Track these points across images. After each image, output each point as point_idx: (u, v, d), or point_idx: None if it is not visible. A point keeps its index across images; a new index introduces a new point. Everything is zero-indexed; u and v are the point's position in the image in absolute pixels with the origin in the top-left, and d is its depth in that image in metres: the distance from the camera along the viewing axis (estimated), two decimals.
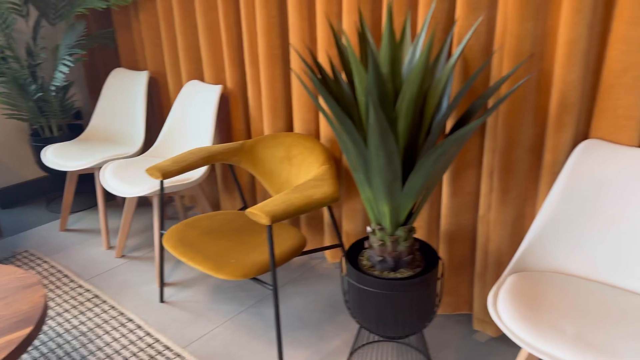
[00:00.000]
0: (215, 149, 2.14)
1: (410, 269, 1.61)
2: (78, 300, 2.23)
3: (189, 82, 2.64)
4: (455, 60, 1.43)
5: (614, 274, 1.47)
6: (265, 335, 2.00)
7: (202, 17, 2.45)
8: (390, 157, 1.33)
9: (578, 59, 1.45)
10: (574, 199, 1.53)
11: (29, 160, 3.19)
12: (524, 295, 1.40)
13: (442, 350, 1.89)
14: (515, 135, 1.62)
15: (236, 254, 1.81)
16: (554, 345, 1.24)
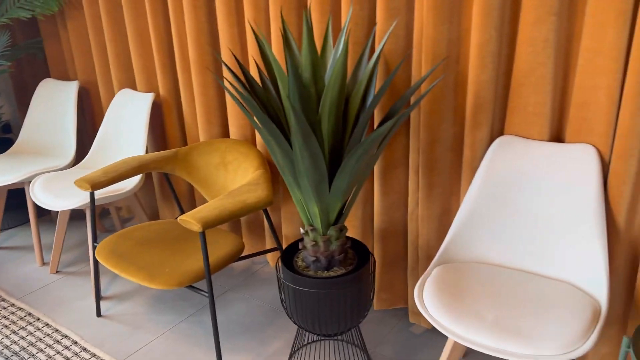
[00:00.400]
0: (148, 157, 2.12)
1: (343, 267, 1.66)
2: (10, 320, 2.14)
3: (121, 90, 2.59)
4: (374, 62, 1.49)
5: (528, 261, 1.56)
6: (205, 343, 1.99)
7: (131, 24, 2.42)
8: (315, 158, 1.37)
9: (489, 61, 1.54)
10: (492, 193, 1.61)
11: None
12: (448, 285, 1.47)
13: (379, 345, 1.94)
14: (437, 134, 1.70)
15: (171, 262, 1.80)
16: (475, 332, 1.31)
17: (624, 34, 1.34)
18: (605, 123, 1.44)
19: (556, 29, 1.44)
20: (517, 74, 1.55)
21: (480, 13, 1.50)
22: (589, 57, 1.42)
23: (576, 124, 1.51)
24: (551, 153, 1.55)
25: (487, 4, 1.48)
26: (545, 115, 1.54)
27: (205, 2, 2.14)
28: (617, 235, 1.48)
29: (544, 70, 1.49)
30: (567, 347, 1.25)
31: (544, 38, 1.46)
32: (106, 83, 2.71)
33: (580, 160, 1.50)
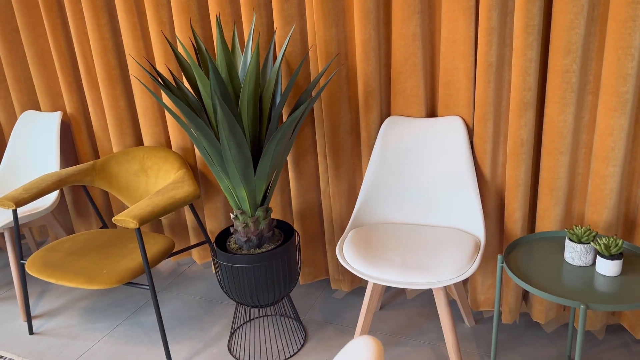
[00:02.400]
0: (66, 172, 2.19)
1: (272, 244, 1.88)
2: None
3: (24, 113, 2.59)
4: (279, 63, 1.74)
5: (421, 216, 1.90)
6: (146, 339, 2.10)
7: (30, 47, 2.45)
8: (241, 146, 1.59)
9: (372, 55, 1.86)
10: (386, 165, 1.94)
11: None
12: (361, 242, 1.76)
13: (308, 313, 2.19)
14: (337, 120, 1.99)
15: (106, 264, 1.90)
16: (388, 272, 1.61)
17: (471, 25, 1.72)
18: (466, 97, 1.82)
19: (421, 24, 1.79)
20: (395, 64, 1.89)
21: (360, 16, 1.82)
22: (448, 45, 1.79)
23: (444, 100, 1.88)
24: (428, 126, 1.91)
25: (364, 7, 1.80)
26: (420, 96, 1.90)
27: (108, 20, 2.26)
28: (485, 185, 1.87)
29: (416, 59, 1.84)
30: (458, 272, 1.58)
31: (412, 33, 1.81)
32: (7, 107, 2.68)
33: (451, 129, 1.87)
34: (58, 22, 2.37)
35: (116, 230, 2.19)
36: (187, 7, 2.05)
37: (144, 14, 2.21)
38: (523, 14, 1.58)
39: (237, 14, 2.03)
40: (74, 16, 2.29)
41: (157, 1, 2.10)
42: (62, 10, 2.37)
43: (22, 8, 2.40)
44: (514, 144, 1.73)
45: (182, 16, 2.06)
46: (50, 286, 2.52)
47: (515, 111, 1.70)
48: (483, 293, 2.03)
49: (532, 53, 1.62)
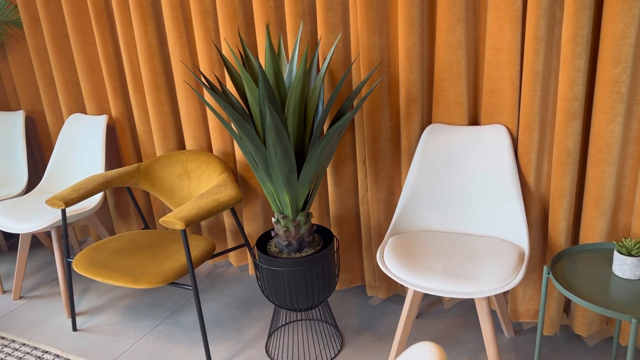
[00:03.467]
0: (112, 174, 2.25)
1: (312, 248, 1.90)
2: None
3: (71, 116, 2.69)
4: (324, 71, 1.76)
5: (462, 225, 1.90)
6: (186, 339, 2.14)
7: (79, 53, 2.54)
8: (286, 151, 1.62)
9: (415, 63, 1.87)
10: (427, 172, 1.94)
11: None
12: (402, 249, 1.76)
13: (344, 319, 2.20)
14: (378, 127, 2.01)
15: (150, 265, 1.95)
16: (429, 280, 1.61)
17: (518, 34, 1.71)
18: (510, 105, 1.81)
19: (465, 33, 1.80)
20: (438, 71, 1.89)
21: (404, 24, 1.83)
22: (493, 53, 1.78)
23: (488, 108, 1.87)
24: (471, 134, 1.90)
25: (409, 16, 1.81)
26: (463, 104, 1.89)
27: (155, 27, 2.33)
28: (529, 194, 1.85)
29: (459, 67, 1.84)
30: (502, 282, 1.57)
31: (457, 41, 1.81)
32: (54, 110, 2.78)
33: (494, 138, 1.86)
34: (107, 29, 2.45)
35: (158, 232, 2.24)
36: (232, 15, 2.09)
37: (190, 22, 2.27)
38: (572, 24, 1.57)
39: (281, 22, 2.07)
40: (122, 23, 2.36)
41: (203, 9, 2.16)
42: (110, 18, 2.45)
43: (73, 15, 2.49)
44: (560, 153, 1.72)
45: (227, 24, 2.11)
46: (92, 284, 2.59)
47: (561, 121, 1.68)
48: (523, 304, 2.01)
49: (580, 63, 1.60)
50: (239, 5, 2.10)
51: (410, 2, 1.79)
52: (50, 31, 2.57)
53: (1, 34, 2.75)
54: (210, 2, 2.16)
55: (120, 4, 2.33)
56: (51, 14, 2.56)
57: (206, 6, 2.16)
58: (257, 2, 2.02)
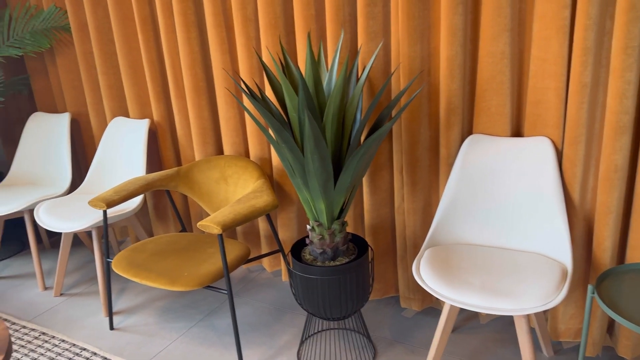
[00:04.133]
0: (153, 176, 2.30)
1: (346, 257, 1.89)
2: (25, 340, 2.24)
3: (114, 119, 2.76)
4: (364, 80, 1.76)
5: (502, 239, 1.85)
6: (219, 342, 2.16)
7: (124, 58, 2.61)
8: (324, 160, 1.61)
9: (457, 72, 1.84)
10: (467, 184, 1.90)
11: None
12: (438, 262, 1.73)
13: (377, 330, 2.17)
14: (416, 137, 1.98)
15: (187, 267, 1.97)
16: (467, 295, 1.57)
17: (565, 45, 1.66)
18: (556, 117, 1.76)
19: (510, 42, 1.76)
20: (481, 81, 1.85)
21: (447, 33, 1.80)
22: (538, 64, 1.74)
23: (532, 120, 1.82)
24: (514, 146, 1.85)
25: (452, 25, 1.78)
26: (506, 114, 1.85)
27: (198, 34, 2.37)
28: (573, 210, 1.79)
29: (503, 77, 1.80)
30: (544, 300, 1.52)
31: (501, 51, 1.77)
32: (98, 113, 2.87)
33: (538, 150, 1.81)
34: (151, 35, 2.52)
35: (195, 235, 2.27)
36: (274, 24, 2.11)
37: (232, 29, 2.30)
38: (623, 35, 1.51)
39: (322, 30, 2.07)
40: (166, 30, 2.42)
41: (245, 17, 2.18)
42: (155, 24, 2.51)
43: (119, 21, 2.56)
44: (607, 168, 1.65)
45: (268, 32, 2.13)
46: (129, 284, 2.65)
47: (610, 134, 1.62)
48: (564, 323, 1.94)
49: (631, 75, 1.54)
50: (280, 14, 2.11)
51: (454, 11, 1.76)
52: (97, 36, 2.65)
53: (51, 39, 2.86)
54: (252, 10, 2.18)
55: (164, 11, 2.38)
56: (98, 20, 2.64)
57: (248, 14, 2.18)
58: (298, 10, 2.03)
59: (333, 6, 1.95)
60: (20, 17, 2.81)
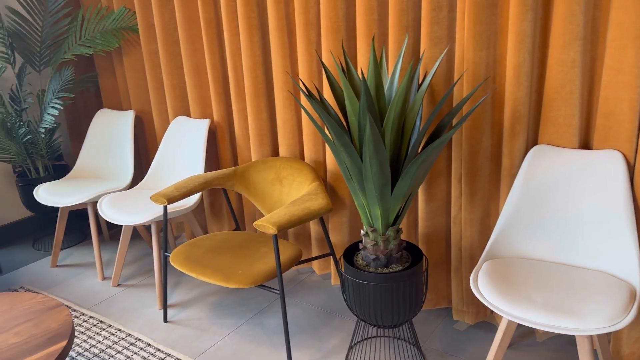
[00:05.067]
0: (211, 175, 2.35)
1: (399, 265, 1.86)
2: (84, 327, 2.33)
3: (176, 118, 2.85)
4: (426, 86, 1.73)
5: (566, 255, 1.77)
6: (268, 341, 2.18)
7: (188, 59, 2.69)
8: (382, 165, 1.60)
9: (524, 80, 1.79)
10: (530, 196, 1.83)
11: (12, 201, 3.26)
12: (498, 276, 1.67)
13: (427, 341, 2.13)
14: (477, 145, 1.93)
15: (241, 265, 2.00)
16: (528, 312, 1.51)
17: None
18: (628, 130, 1.67)
19: (582, 51, 1.69)
20: (549, 90, 1.79)
21: (515, 39, 1.75)
22: (611, 74, 1.66)
23: (602, 132, 1.74)
24: (582, 159, 1.78)
25: (521, 31, 1.73)
26: (574, 125, 1.78)
27: (260, 37, 2.41)
28: None
29: (573, 87, 1.73)
30: (610, 321, 1.44)
31: (572, 59, 1.71)
32: (161, 112, 2.96)
33: (608, 164, 1.72)
34: (215, 38, 2.58)
35: (249, 233, 2.31)
36: (336, 28, 2.12)
37: (293, 33, 2.32)
38: None
39: (384, 35, 2.06)
40: (230, 32, 2.47)
41: (307, 21, 2.20)
42: (219, 27, 2.58)
43: (185, 23, 2.64)
44: None
45: (330, 36, 2.14)
46: (183, 278, 2.72)
47: None
48: (628, 346, 1.84)
49: None
50: (343, 18, 2.12)
51: (523, 17, 1.71)
52: (163, 37, 2.75)
53: (119, 39, 2.98)
54: (314, 14, 2.20)
55: (229, 14, 2.44)
56: (165, 21, 2.73)
57: (310, 18, 2.20)
58: (360, 15, 2.03)
59: (397, 11, 1.94)
60: (92, 18, 2.95)
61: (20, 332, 1.69)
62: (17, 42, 2.99)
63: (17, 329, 1.72)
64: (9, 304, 1.87)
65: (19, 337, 1.67)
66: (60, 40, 3.02)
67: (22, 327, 1.72)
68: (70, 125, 3.48)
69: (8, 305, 1.86)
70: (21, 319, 1.77)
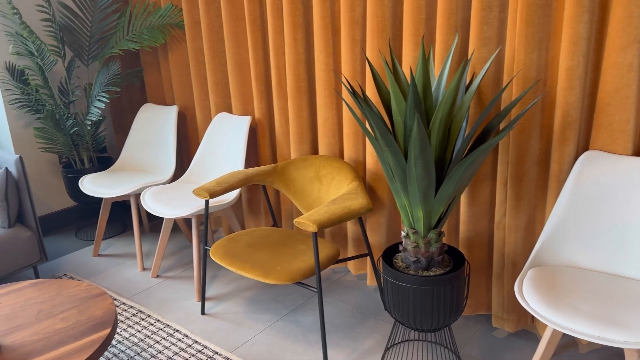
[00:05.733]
0: (252, 171, 2.37)
1: (441, 268, 1.83)
2: (124, 316, 2.39)
3: (218, 114, 2.88)
4: (475, 87, 1.70)
5: (616, 265, 1.71)
6: (303, 339, 2.18)
7: (232, 56, 2.72)
8: (427, 166, 1.58)
9: (577, 83, 1.73)
10: (580, 202, 1.78)
11: (58, 191, 3.37)
12: (544, 284, 1.63)
13: (465, 347, 2.09)
14: (525, 149, 1.89)
15: (280, 262, 2.01)
16: (575, 322, 1.46)
17: None
18: None
19: (639, 54, 1.62)
20: (603, 94, 1.73)
21: (569, 42, 1.70)
22: None
23: None
24: (636, 166, 1.71)
25: (576, 33, 1.68)
26: (629, 131, 1.71)
27: (304, 35, 2.42)
28: None
29: (628, 91, 1.67)
30: None
31: (629, 63, 1.64)
32: (204, 108, 3.01)
33: None
34: (259, 35, 2.60)
35: (286, 231, 2.32)
36: (382, 27, 2.10)
37: (338, 32, 2.32)
38: None
39: (431, 34, 2.03)
40: (275, 30, 2.49)
41: (353, 20, 2.19)
42: (264, 25, 2.59)
43: (230, 20, 2.67)
44: None
45: (375, 35, 2.12)
46: (220, 272, 2.75)
47: None
48: None
49: None
50: (389, 17, 2.10)
51: (578, 19, 1.66)
52: (208, 34, 2.79)
53: (165, 35, 3.04)
54: (360, 13, 2.19)
55: (274, 12, 2.45)
56: (211, 18, 2.77)
57: (356, 17, 2.19)
58: (408, 14, 2.01)
59: (446, 10, 1.91)
60: (139, 14, 3.02)
61: (67, 318, 1.75)
62: (67, 36, 3.08)
63: (63, 314, 1.77)
64: (56, 290, 1.93)
65: (65, 322, 1.72)
66: (108, 35, 3.10)
67: (68, 313, 1.77)
68: (114, 118, 3.57)
69: (55, 292, 1.92)
70: (67, 305, 1.83)
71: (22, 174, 2.48)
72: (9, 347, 1.60)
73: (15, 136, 3.10)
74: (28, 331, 1.68)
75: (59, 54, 3.04)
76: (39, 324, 1.72)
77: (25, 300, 1.85)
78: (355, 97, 1.69)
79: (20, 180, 2.49)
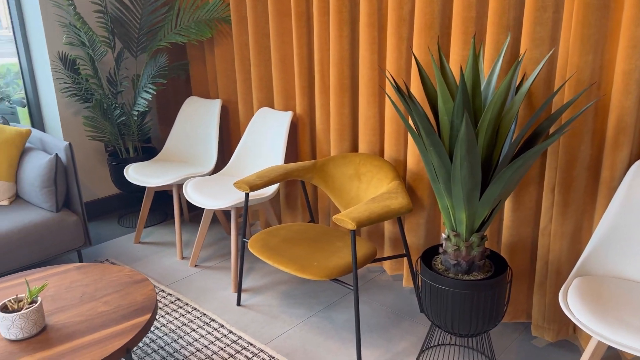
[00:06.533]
0: (292, 166, 2.38)
1: (481, 273, 1.80)
2: (162, 302, 2.44)
3: (261, 109, 2.91)
4: (527, 89, 1.65)
5: None
6: (337, 336, 2.18)
7: (276, 51, 2.73)
8: (473, 167, 1.55)
9: (633, 88, 1.66)
10: (632, 212, 1.71)
11: (102, 178, 3.47)
12: (590, 294, 1.57)
13: (503, 354, 2.04)
14: (575, 154, 1.82)
15: (317, 257, 2.01)
16: (622, 335, 1.41)
17: None
18: None
19: None
20: None
21: (627, 45, 1.63)
22: None
23: None
24: None
25: (635, 36, 1.61)
26: None
27: (349, 32, 2.41)
28: None
29: None
30: None
31: None
32: (246, 102, 3.04)
33: None
34: (304, 31, 2.60)
35: (323, 227, 2.32)
36: (429, 25, 2.07)
37: (384, 29, 2.30)
38: None
39: (480, 33, 1.99)
40: (320, 26, 2.49)
41: (400, 17, 2.17)
42: (309, 21, 2.60)
43: (276, 16, 2.68)
44: None
45: (422, 33, 2.09)
46: (256, 265, 2.78)
47: None
48: None
49: None
50: (438, 15, 2.07)
51: (637, 22, 1.59)
52: (254, 29, 2.81)
53: (212, 29, 3.08)
54: (408, 10, 2.16)
55: (320, 8, 2.45)
56: (257, 14, 2.79)
57: (403, 14, 2.17)
58: (457, 12, 1.97)
59: (497, 9, 1.87)
60: (187, 8, 3.07)
61: (109, 302, 1.80)
62: (117, 28, 3.17)
63: (106, 298, 1.82)
64: (99, 274, 1.99)
65: (108, 306, 1.77)
66: (156, 28, 3.17)
67: (110, 297, 1.82)
68: (159, 110, 3.65)
69: (98, 275, 1.97)
70: (110, 289, 1.88)
71: (70, 161, 2.56)
72: (54, 326, 1.66)
73: (65, 123, 3.21)
74: (72, 312, 1.73)
75: (109, 45, 3.12)
76: (82, 306, 1.77)
77: (70, 283, 1.92)
78: (400, 94, 1.67)
79: (68, 166, 2.58)
